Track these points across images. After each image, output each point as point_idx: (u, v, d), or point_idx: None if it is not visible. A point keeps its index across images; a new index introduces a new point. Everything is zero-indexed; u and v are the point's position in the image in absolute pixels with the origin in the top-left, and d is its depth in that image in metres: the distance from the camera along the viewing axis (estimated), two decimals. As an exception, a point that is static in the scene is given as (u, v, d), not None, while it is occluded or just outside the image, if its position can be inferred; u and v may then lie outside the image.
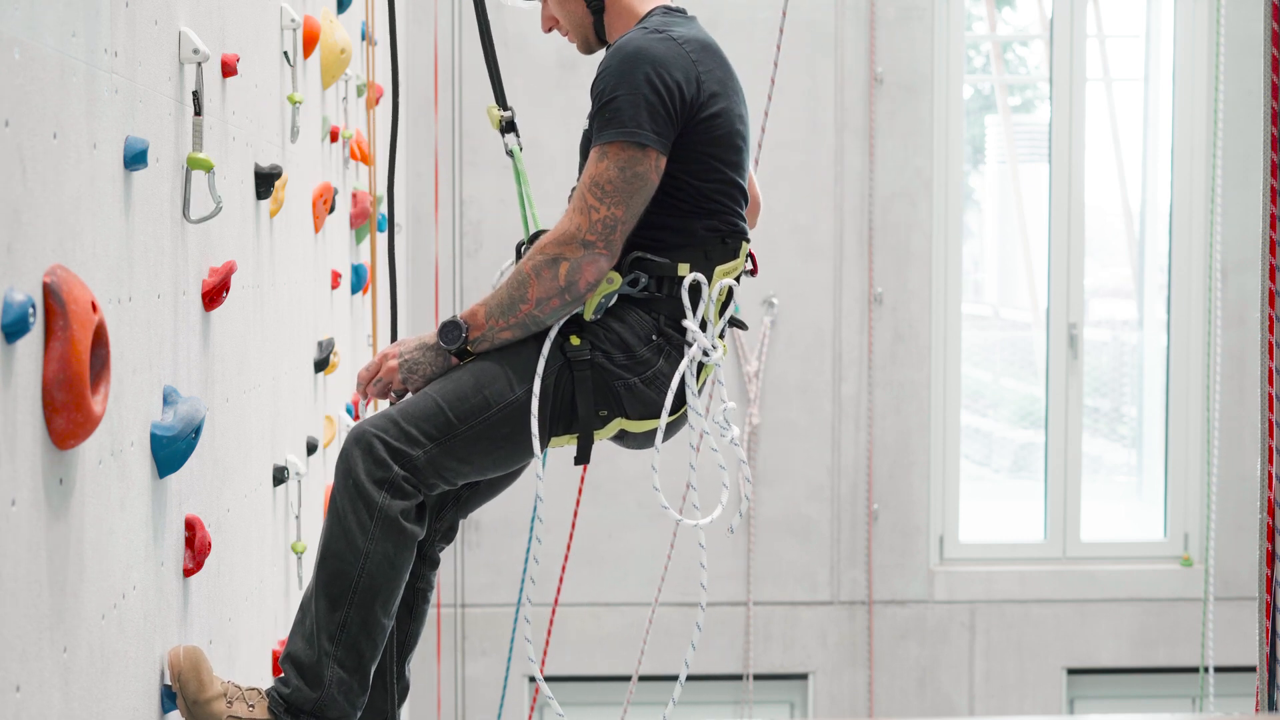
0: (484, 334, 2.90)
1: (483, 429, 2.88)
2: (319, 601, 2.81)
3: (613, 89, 2.88)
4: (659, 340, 2.96)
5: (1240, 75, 6.42)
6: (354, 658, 2.80)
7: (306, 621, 2.83)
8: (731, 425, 3.08)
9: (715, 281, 3.01)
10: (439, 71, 6.79)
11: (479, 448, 2.89)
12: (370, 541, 2.80)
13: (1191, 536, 7.30)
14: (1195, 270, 7.25)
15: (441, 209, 6.90)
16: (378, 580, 2.81)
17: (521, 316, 2.88)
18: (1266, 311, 3.15)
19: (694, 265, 2.98)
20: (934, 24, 7.06)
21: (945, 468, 7.24)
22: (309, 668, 2.79)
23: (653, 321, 2.96)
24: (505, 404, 2.89)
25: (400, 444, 2.82)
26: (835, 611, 7.14)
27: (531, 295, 2.88)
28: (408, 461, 2.83)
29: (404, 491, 2.83)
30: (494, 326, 2.89)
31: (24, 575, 1.84)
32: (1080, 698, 7.36)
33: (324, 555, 2.82)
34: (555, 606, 5.12)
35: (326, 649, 2.79)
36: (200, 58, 2.61)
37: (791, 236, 6.99)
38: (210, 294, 2.76)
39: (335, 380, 4.47)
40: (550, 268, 2.87)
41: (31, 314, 1.79)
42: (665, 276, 2.95)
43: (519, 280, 2.89)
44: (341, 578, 2.80)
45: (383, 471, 2.81)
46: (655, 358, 2.96)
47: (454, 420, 2.87)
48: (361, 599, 2.80)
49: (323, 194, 4.06)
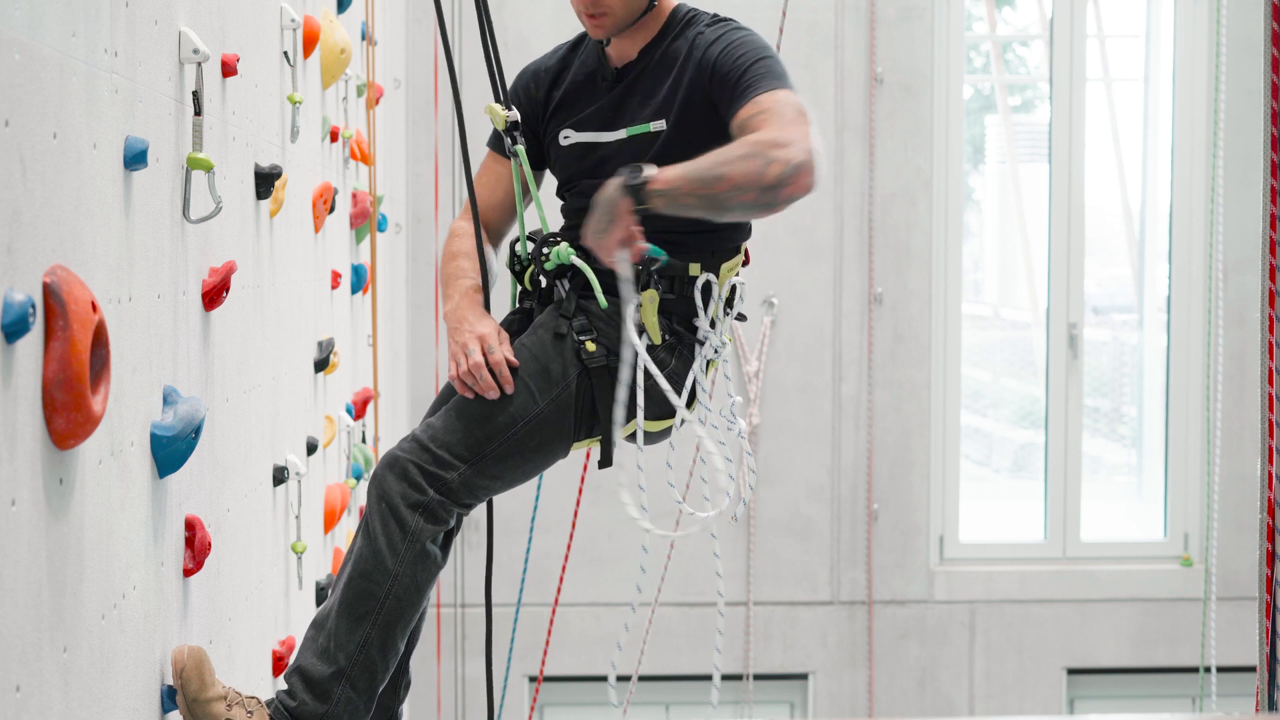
0: (669, 188, 2.71)
1: (512, 445, 2.91)
2: (340, 619, 2.82)
3: (762, 50, 2.96)
4: (671, 340, 2.99)
5: (1240, 75, 6.42)
6: (366, 678, 2.81)
7: (320, 638, 2.83)
8: (738, 419, 3.12)
9: (723, 279, 3.04)
10: (439, 71, 6.79)
11: (510, 463, 2.92)
12: (400, 564, 2.82)
13: (1191, 536, 7.30)
14: (1195, 270, 7.25)
15: (441, 209, 6.90)
16: (403, 603, 2.83)
17: (712, 191, 2.71)
18: (1266, 311, 3.15)
19: (703, 265, 3.01)
20: (934, 24, 7.06)
21: (945, 468, 7.24)
22: (318, 683, 2.79)
23: (665, 322, 2.99)
24: (530, 417, 2.92)
25: (434, 468, 2.85)
26: (835, 611, 7.14)
27: (733, 176, 2.70)
28: (443, 485, 2.85)
29: (437, 516, 2.85)
30: (680, 184, 2.71)
31: (24, 575, 1.84)
32: (1080, 698, 7.36)
33: (353, 575, 2.84)
34: (555, 606, 5.12)
35: (342, 666, 2.80)
36: (200, 58, 2.61)
37: (791, 236, 6.99)
38: (210, 294, 2.76)
39: (335, 380, 4.46)
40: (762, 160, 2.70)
41: (31, 314, 1.79)
42: (676, 277, 2.98)
43: (722, 158, 2.72)
44: (368, 597, 2.81)
45: (418, 495, 2.83)
46: (669, 357, 2.99)
47: (482, 440, 2.89)
48: (385, 620, 2.82)
49: (323, 194, 4.06)
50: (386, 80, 5.64)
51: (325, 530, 4.20)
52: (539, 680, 5.17)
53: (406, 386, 6.87)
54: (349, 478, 4.65)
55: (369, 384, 5.21)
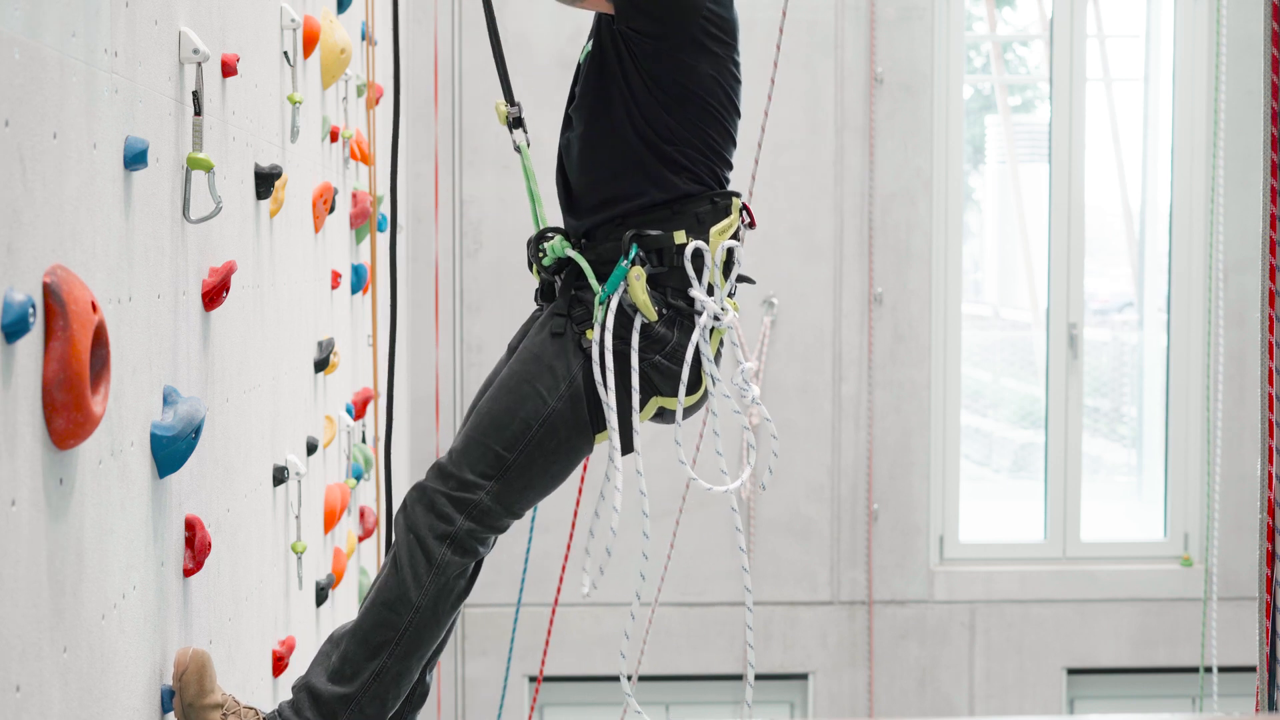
0: None
1: (533, 450, 2.87)
2: (357, 645, 2.80)
3: None
4: (669, 313, 2.91)
5: (1240, 75, 6.42)
6: (377, 705, 2.79)
7: (335, 658, 2.81)
8: (751, 385, 3.03)
9: (714, 244, 2.94)
10: (439, 71, 6.79)
11: (536, 469, 2.88)
12: (423, 596, 2.80)
13: (1191, 536, 7.30)
14: (1195, 270, 7.25)
15: (441, 209, 6.90)
16: (423, 634, 2.81)
17: None
18: (1266, 311, 3.15)
19: (689, 231, 2.91)
20: (934, 24, 7.06)
21: (945, 468, 7.24)
22: (326, 703, 2.77)
23: (660, 295, 2.90)
24: (544, 418, 2.88)
25: (460, 493, 2.82)
26: (835, 611, 7.14)
27: None
28: (472, 509, 2.82)
29: (465, 548, 2.82)
30: None
31: (24, 575, 1.84)
32: (1080, 698, 7.36)
33: (375, 602, 2.82)
34: (555, 606, 5.12)
35: (353, 694, 2.77)
36: (200, 58, 2.61)
37: (791, 236, 6.99)
38: (210, 294, 2.76)
39: (335, 380, 4.46)
40: None
41: (31, 314, 1.79)
42: (663, 248, 2.89)
43: None
44: (388, 627, 2.79)
45: (446, 525, 2.80)
46: (670, 331, 2.91)
47: (502, 452, 2.85)
48: (403, 650, 2.79)
49: (323, 194, 4.06)
50: (386, 80, 5.64)
51: (325, 530, 4.20)
52: (539, 680, 5.17)
53: (406, 386, 6.87)
54: (349, 478, 4.65)
55: (369, 384, 5.21)
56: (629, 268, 2.87)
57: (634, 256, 2.87)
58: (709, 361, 2.93)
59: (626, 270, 2.87)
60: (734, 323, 2.96)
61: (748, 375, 3.04)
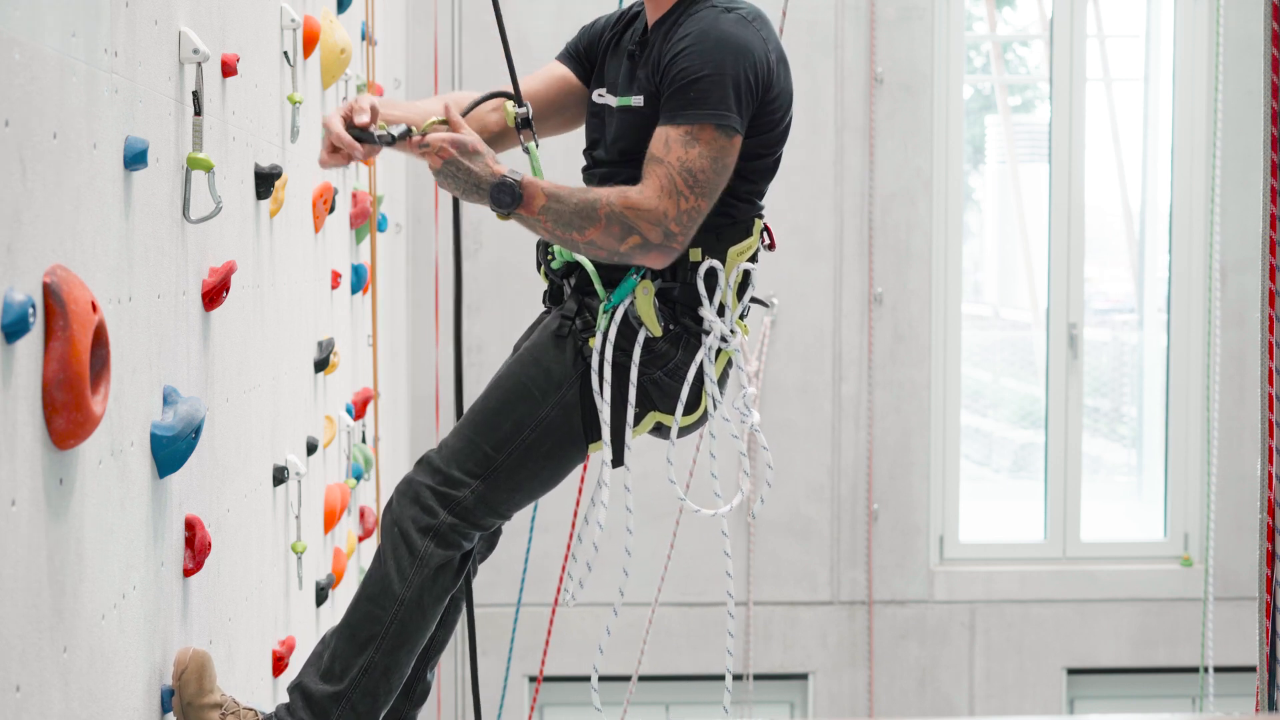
0: (528, 220, 2.76)
1: (523, 453, 2.84)
2: (345, 642, 2.79)
3: (709, 66, 2.75)
4: (675, 330, 2.87)
5: (1240, 75, 6.42)
6: (368, 701, 2.78)
7: (325, 656, 2.80)
8: (752, 411, 3.00)
9: (731, 264, 2.91)
10: (439, 71, 6.79)
11: (524, 472, 2.85)
12: (407, 589, 2.78)
13: (1191, 536, 7.30)
14: (1195, 270, 7.25)
15: (441, 209, 6.90)
16: (408, 628, 2.80)
17: (569, 238, 2.75)
18: (1266, 311, 3.15)
19: (705, 249, 2.87)
20: (934, 24, 7.06)
21: (945, 468, 7.24)
22: (318, 702, 2.77)
23: (668, 311, 2.87)
24: (537, 422, 2.85)
25: (445, 489, 2.80)
26: (835, 611, 7.14)
27: (591, 235, 2.73)
28: (455, 505, 2.80)
29: (448, 541, 2.80)
30: (540, 222, 2.75)
31: (24, 575, 1.84)
32: (1080, 698, 7.36)
33: (360, 597, 2.81)
34: (555, 606, 5.11)
35: (343, 691, 2.77)
36: (200, 58, 2.61)
37: (791, 236, 6.99)
38: (210, 294, 2.76)
39: (335, 380, 4.46)
40: (622, 230, 2.72)
41: (31, 314, 1.79)
42: (677, 264, 2.84)
43: (588, 212, 2.73)
44: (373, 622, 2.78)
45: (429, 519, 2.79)
46: (674, 348, 2.87)
47: (491, 452, 2.83)
48: (389, 645, 2.78)
49: (323, 194, 4.06)
50: (386, 80, 5.64)
51: (325, 530, 4.20)
52: (539, 680, 5.17)
53: (406, 386, 6.87)
54: (349, 478, 4.65)
55: (369, 384, 5.21)
56: (638, 280, 2.84)
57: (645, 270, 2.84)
58: (711, 383, 2.89)
59: (636, 282, 2.84)
60: (742, 345, 2.93)
61: (749, 400, 3.01)
